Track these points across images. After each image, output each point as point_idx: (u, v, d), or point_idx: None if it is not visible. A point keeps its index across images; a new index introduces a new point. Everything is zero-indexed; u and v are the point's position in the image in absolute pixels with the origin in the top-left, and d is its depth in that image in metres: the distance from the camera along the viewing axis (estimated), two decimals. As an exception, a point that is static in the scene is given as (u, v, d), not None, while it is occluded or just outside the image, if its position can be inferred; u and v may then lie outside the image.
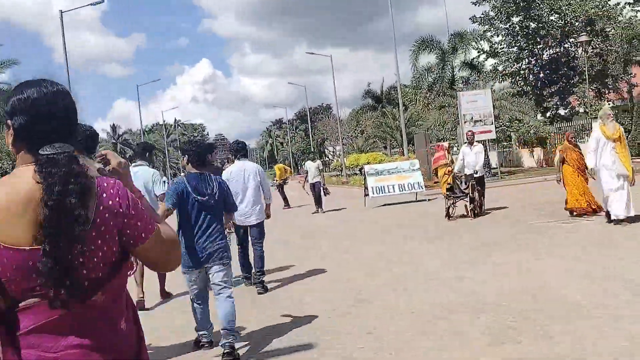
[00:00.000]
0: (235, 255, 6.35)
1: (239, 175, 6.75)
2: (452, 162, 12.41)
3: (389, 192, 17.31)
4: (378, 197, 17.27)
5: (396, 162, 18.57)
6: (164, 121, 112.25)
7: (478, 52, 29.94)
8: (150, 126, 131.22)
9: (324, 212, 16.68)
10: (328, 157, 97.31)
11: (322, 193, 16.96)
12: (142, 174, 6.32)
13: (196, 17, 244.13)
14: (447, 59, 28.65)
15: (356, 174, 40.43)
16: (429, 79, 30.14)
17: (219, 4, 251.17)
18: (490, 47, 29.41)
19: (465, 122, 22.93)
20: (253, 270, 6.94)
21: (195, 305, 4.76)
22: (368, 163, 35.17)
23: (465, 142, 12.20)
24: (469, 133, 12.51)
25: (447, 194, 11.80)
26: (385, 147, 52.42)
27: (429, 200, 17.05)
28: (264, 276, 6.95)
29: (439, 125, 25.25)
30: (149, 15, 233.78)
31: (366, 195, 17.65)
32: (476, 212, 11.64)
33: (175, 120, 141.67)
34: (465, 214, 11.89)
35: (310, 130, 52.11)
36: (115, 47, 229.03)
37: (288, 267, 8.43)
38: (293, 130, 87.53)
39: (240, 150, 7.06)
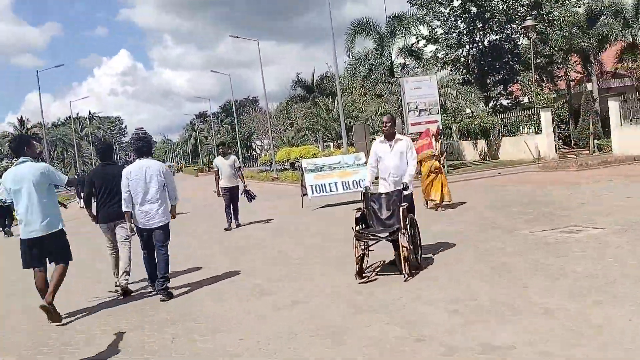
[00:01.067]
0: (140, 260, 6.84)
1: (139, 174, 6.40)
2: (442, 153, 9.90)
3: (330, 190, 14.64)
4: (318, 196, 14.57)
5: (338, 155, 15.93)
6: (77, 114, 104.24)
7: (417, 37, 27.97)
8: (63, 119, 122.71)
9: (238, 226, 12.11)
10: (255, 152, 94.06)
11: (238, 201, 12.23)
12: (29, 171, 5.79)
13: (114, 6, 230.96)
14: (385, 43, 26.38)
15: (286, 169, 37.66)
16: (365, 66, 27.78)
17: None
18: (430, 32, 27.51)
19: (409, 111, 20.71)
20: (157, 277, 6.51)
21: None
22: (300, 157, 32.51)
23: (380, 136, 7.29)
24: (386, 119, 6.99)
25: (356, 233, 6.37)
26: (316, 140, 50.05)
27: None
28: (168, 282, 6.56)
29: (379, 114, 22.97)
30: (64, 3, 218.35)
31: (304, 194, 14.92)
32: (412, 262, 6.20)
33: (89, 113, 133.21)
34: (399, 266, 6.36)
35: (236, 122, 48.54)
36: (29, 37, 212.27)
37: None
38: (218, 123, 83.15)
39: (140, 149, 6.65)
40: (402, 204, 6.35)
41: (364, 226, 6.58)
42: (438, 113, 20.65)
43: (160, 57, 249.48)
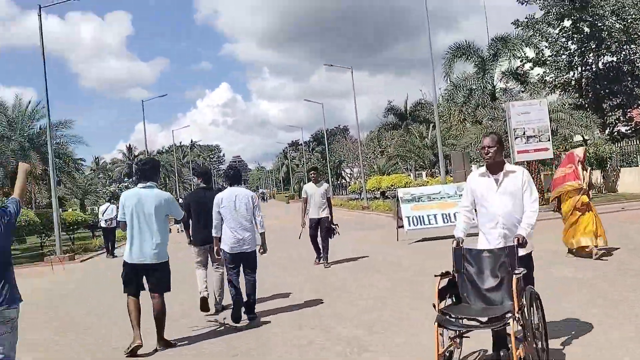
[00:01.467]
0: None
1: (230, 201, 6.54)
2: (591, 186, 8.39)
3: (429, 223, 13.41)
4: (415, 229, 13.39)
5: (438, 185, 14.69)
6: (180, 143, 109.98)
7: (522, 60, 26.15)
8: (167, 147, 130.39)
9: (328, 266, 10.32)
10: (345, 180, 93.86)
11: (329, 233, 10.51)
12: (154, 197, 5.79)
13: (218, 41, 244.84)
14: (487, 67, 24.84)
15: (376, 198, 36.54)
16: (464, 91, 26.32)
17: (239, 29, 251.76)
18: (537, 54, 25.62)
19: (516, 137, 19.06)
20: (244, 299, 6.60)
21: None
22: (392, 186, 31.39)
23: (480, 166, 5.38)
24: (488, 142, 4.57)
25: (439, 314, 4.06)
26: (407, 169, 48.54)
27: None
28: (255, 304, 6.67)
29: (479, 142, 21.46)
30: (173, 40, 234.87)
31: (400, 226, 13.80)
32: None
33: (191, 141, 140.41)
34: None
35: (327, 150, 48.35)
36: (140, 72, 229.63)
37: None
38: (309, 151, 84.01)
39: (232, 177, 6.81)
40: (517, 271, 4.02)
41: (454, 300, 4.30)
42: (549, 140, 18.83)
43: (258, 89, 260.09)
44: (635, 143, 21.95)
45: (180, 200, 32.49)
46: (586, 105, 22.77)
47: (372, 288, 8.07)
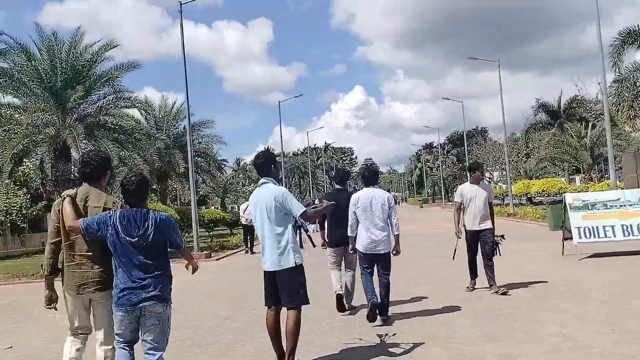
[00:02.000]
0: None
1: (366, 202, 6.54)
2: None
3: (606, 235, 11.10)
4: (587, 242, 11.17)
5: (617, 191, 12.18)
6: (315, 145, 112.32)
7: None
8: (302, 149, 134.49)
9: (504, 292, 7.85)
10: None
11: (492, 250, 8.06)
12: (266, 194, 5.07)
13: (352, 45, 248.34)
14: (666, 54, 21.05)
15: (522, 204, 33.22)
16: (635, 84, 22.59)
17: (373, 31, 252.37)
18: None
19: None
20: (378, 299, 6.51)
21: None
22: (543, 191, 28.22)
23: None
24: None
25: None
26: (557, 173, 43.84)
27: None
28: (389, 306, 6.63)
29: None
30: (310, 45, 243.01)
31: (566, 239, 11.65)
32: None
33: (325, 143, 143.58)
34: None
35: (466, 151, 45.53)
36: (278, 76, 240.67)
37: None
38: (444, 154, 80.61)
39: (368, 178, 6.90)
40: None
41: None
42: None
43: (390, 91, 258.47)
44: None
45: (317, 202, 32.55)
46: None
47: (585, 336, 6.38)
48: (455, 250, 8.35)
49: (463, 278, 8.79)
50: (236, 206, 44.26)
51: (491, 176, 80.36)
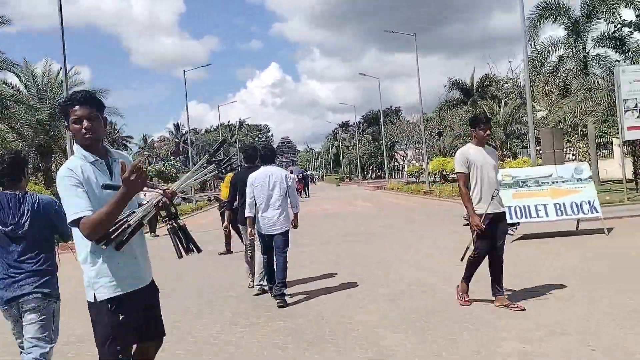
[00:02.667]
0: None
1: (264, 181, 6.41)
2: None
3: (538, 216, 10.09)
4: (519, 222, 10.11)
5: (549, 166, 11.20)
6: (229, 121, 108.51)
7: (615, 24, 21.90)
8: (214, 126, 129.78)
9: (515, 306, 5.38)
10: (398, 162, 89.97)
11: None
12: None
13: (267, 20, 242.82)
14: (581, 30, 20.84)
15: (436, 182, 32.93)
16: (550, 60, 22.38)
17: (289, 8, 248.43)
18: (638, 15, 21.33)
19: (626, 110, 15.35)
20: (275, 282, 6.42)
21: None
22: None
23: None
24: None
25: None
26: None
27: (608, 232, 9.82)
28: (286, 288, 6.37)
29: (576, 117, 17.72)
30: (223, 18, 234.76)
31: (495, 219, 10.58)
32: None
33: (239, 120, 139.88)
34: None
35: (382, 129, 45.00)
36: (190, 50, 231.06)
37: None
38: (360, 133, 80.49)
39: (265, 157, 6.66)
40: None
41: None
42: (673, 114, 14.98)
43: (307, 69, 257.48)
44: None
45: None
46: None
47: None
48: (468, 247, 5.55)
49: (372, 264, 7.27)
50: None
51: (405, 154, 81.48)
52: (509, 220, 9.91)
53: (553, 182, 10.32)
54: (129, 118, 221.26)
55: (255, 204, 6.38)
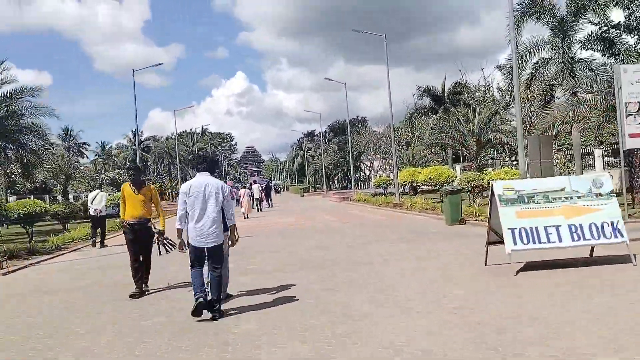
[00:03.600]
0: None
1: (199, 191, 6.14)
2: None
3: (549, 241, 7.75)
4: (526, 249, 7.76)
5: (562, 178, 8.91)
6: (191, 129, 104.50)
7: (600, 25, 20.27)
8: (176, 135, 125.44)
9: None
10: (364, 173, 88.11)
11: None
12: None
13: (233, 29, 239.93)
14: (567, 29, 19.05)
15: (404, 193, 30.76)
16: (531, 62, 20.52)
17: (256, 17, 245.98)
18: (627, 16, 19.74)
19: (628, 115, 13.47)
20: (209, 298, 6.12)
21: None
22: (429, 180, 25.68)
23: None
24: None
25: None
26: (439, 161, 42.47)
27: (636, 260, 7.62)
28: (220, 304, 6.12)
29: (567, 123, 15.75)
30: (188, 26, 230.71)
31: (492, 243, 8.24)
32: None
33: (202, 128, 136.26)
34: None
35: (349, 138, 42.81)
36: (155, 57, 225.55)
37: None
38: (325, 143, 78.29)
39: (202, 165, 6.42)
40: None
41: None
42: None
43: (274, 79, 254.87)
44: None
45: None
46: None
47: None
48: None
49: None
50: (83, 195, 37.47)
51: (371, 165, 79.61)
52: (512, 247, 7.69)
53: (567, 198, 8.02)
54: (89, 125, 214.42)
55: (187, 214, 6.13)
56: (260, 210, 30.63)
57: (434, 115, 33.76)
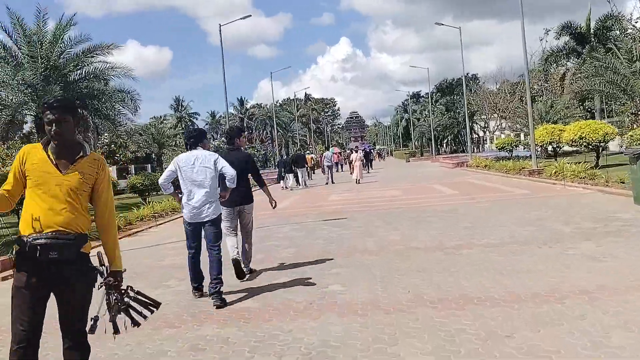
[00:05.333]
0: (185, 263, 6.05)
1: (187, 165, 5.84)
2: None
3: None
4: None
5: None
6: (295, 95, 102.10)
7: None
8: (280, 101, 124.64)
9: None
10: (477, 135, 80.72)
11: None
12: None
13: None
14: None
15: (550, 158, 24.72)
16: None
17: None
18: None
19: None
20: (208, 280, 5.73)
21: None
22: (582, 138, 19.76)
23: None
24: None
25: None
26: (589, 114, 34.90)
27: None
28: (222, 285, 5.64)
29: None
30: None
31: None
32: None
33: (305, 94, 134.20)
34: None
35: (465, 95, 36.89)
36: (264, 28, 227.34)
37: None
38: (432, 104, 71.58)
39: (189, 140, 6.05)
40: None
41: None
42: None
43: (378, 43, 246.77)
44: None
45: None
46: None
47: None
48: None
49: None
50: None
51: (486, 125, 71.96)
52: None
53: None
54: (202, 96, 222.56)
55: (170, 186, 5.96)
56: (332, 181, 26.34)
57: (578, 58, 27.01)
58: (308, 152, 67.47)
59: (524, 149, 32.89)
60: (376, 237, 8.99)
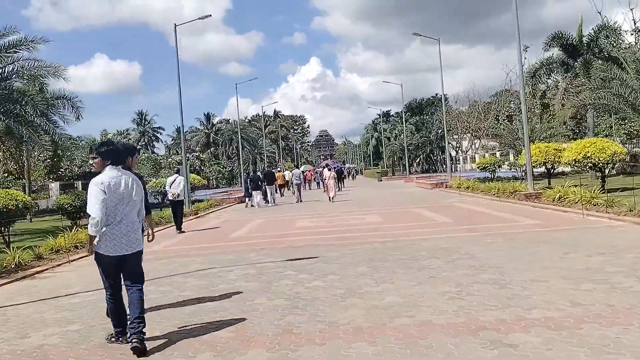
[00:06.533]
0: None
1: (117, 186, 4.75)
2: None
3: None
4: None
5: None
6: (264, 112, 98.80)
7: None
8: (249, 118, 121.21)
9: None
10: (450, 155, 78.92)
11: None
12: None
13: (309, 15, 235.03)
14: None
15: (540, 179, 22.21)
16: None
17: (332, 2, 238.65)
18: None
19: None
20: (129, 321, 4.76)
21: None
22: (586, 158, 17.23)
23: None
24: None
25: None
26: (574, 135, 32.61)
27: None
28: (145, 326, 4.71)
29: None
30: (266, 14, 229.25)
31: None
32: None
33: (274, 111, 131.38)
34: None
35: (443, 105, 34.63)
36: (235, 46, 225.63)
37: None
38: (404, 124, 69.47)
39: (109, 154, 4.89)
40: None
41: None
42: None
43: (348, 63, 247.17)
44: None
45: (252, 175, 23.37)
46: None
47: None
48: None
49: None
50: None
51: (459, 145, 70.15)
52: None
53: None
54: (169, 113, 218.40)
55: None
56: (301, 200, 25.73)
57: (565, 73, 24.89)
58: (278, 169, 64.77)
59: (510, 169, 30.46)
60: (364, 299, 5.90)
